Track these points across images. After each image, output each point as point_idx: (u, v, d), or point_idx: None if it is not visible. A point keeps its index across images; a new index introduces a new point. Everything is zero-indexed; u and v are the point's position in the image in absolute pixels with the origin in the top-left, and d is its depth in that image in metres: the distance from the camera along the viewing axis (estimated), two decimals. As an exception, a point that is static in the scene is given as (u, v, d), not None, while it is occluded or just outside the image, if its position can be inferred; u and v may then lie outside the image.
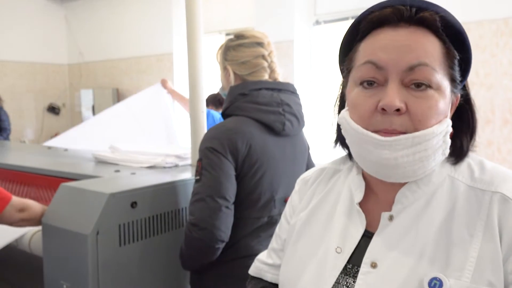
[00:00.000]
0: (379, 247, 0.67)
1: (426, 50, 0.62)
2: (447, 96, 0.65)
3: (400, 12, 0.64)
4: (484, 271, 0.60)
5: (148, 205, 1.33)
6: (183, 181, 1.44)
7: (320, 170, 0.84)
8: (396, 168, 0.63)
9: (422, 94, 0.62)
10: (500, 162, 3.00)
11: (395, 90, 0.62)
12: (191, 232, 1.24)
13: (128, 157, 1.80)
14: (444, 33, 0.64)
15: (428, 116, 0.62)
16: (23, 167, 1.80)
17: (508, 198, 0.63)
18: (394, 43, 0.63)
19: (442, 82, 0.63)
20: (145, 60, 5.30)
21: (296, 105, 1.41)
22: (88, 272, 1.19)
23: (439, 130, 0.63)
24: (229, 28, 4.58)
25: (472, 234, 0.62)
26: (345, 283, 0.68)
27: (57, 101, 6.13)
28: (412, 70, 0.62)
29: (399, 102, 0.61)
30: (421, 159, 0.63)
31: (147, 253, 1.33)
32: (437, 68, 0.63)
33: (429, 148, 0.63)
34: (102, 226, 1.20)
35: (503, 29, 2.92)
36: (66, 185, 1.35)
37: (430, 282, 0.61)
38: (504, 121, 2.96)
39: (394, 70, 0.63)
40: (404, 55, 0.62)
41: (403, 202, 0.68)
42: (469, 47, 0.67)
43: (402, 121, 0.62)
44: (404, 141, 0.61)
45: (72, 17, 6.06)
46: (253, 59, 1.37)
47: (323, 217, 0.77)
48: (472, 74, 2.97)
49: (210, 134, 1.31)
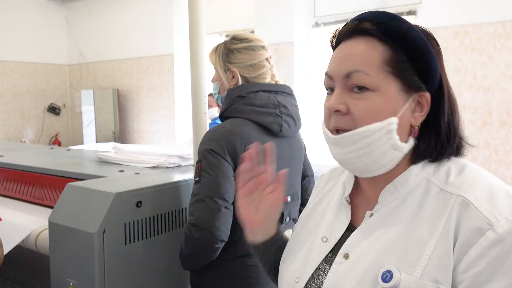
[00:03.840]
0: (355, 241, 0.73)
1: (361, 58, 0.71)
2: (392, 97, 0.70)
3: (347, 26, 0.74)
4: (434, 269, 0.64)
5: (153, 205, 1.36)
6: (186, 181, 1.47)
7: (333, 169, 0.93)
8: (346, 162, 0.73)
9: (360, 96, 0.71)
10: (497, 164, 3.03)
11: (337, 94, 0.72)
12: (191, 233, 1.26)
13: (131, 157, 1.83)
14: (387, 39, 0.70)
15: (364, 115, 0.70)
16: (28, 167, 1.83)
17: (468, 202, 0.65)
18: (338, 55, 0.74)
19: (381, 85, 0.70)
20: (146, 61, 5.32)
21: (292, 106, 1.44)
22: (94, 270, 1.22)
23: (376, 128, 0.69)
24: (229, 30, 4.60)
25: (432, 233, 0.66)
26: (323, 269, 0.76)
27: (58, 102, 6.14)
28: (348, 77, 0.71)
29: (337, 104, 0.71)
30: (367, 154, 0.70)
31: (151, 251, 1.36)
32: (373, 73, 0.70)
33: (372, 144, 0.69)
34: (108, 224, 1.23)
35: (500, 32, 2.96)
36: (72, 185, 1.38)
37: (383, 274, 0.66)
38: (501, 123, 2.99)
39: (337, 78, 0.73)
40: (342, 65, 0.72)
41: (382, 202, 0.73)
42: (420, 48, 0.71)
43: (345, 120, 0.71)
44: (346, 138, 0.71)
45: (73, 17, 6.08)
46: (260, 62, 1.41)
47: (321, 209, 0.85)
48: (469, 76, 3.02)
49: (209, 136, 1.34)
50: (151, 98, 5.32)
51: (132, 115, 5.56)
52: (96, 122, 5.71)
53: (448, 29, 3.12)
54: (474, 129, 3.04)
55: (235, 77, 1.42)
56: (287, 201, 1.42)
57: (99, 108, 5.67)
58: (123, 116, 5.61)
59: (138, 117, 5.50)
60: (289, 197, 1.42)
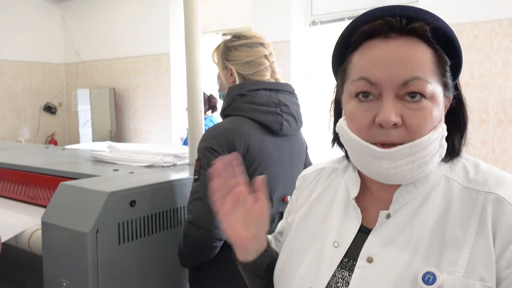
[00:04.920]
0: (375, 243, 0.69)
1: (418, 63, 0.64)
2: (441, 103, 0.67)
3: (390, 24, 0.65)
4: (477, 266, 0.62)
5: (147, 204, 1.34)
6: (181, 180, 1.46)
7: (320, 169, 0.88)
8: (396, 176, 0.66)
9: (417, 105, 0.64)
10: (494, 162, 3.03)
11: (390, 105, 0.64)
12: (189, 231, 1.25)
13: (126, 156, 1.81)
14: (435, 41, 0.66)
15: (423, 126, 0.64)
16: (21, 166, 1.81)
17: (502, 198, 0.65)
18: (386, 57, 0.65)
19: (435, 91, 0.65)
20: (142, 60, 5.31)
21: (294, 105, 1.42)
22: (87, 270, 1.20)
23: (435, 136, 0.65)
24: (225, 29, 4.59)
25: (466, 231, 0.65)
26: (341, 276, 0.71)
27: (54, 101, 6.11)
28: (406, 84, 0.64)
29: (395, 117, 0.63)
30: (420, 166, 0.65)
31: (146, 251, 1.34)
32: (430, 79, 0.64)
33: (427, 155, 0.65)
34: (101, 224, 1.21)
35: (497, 30, 2.96)
36: (65, 184, 1.36)
37: (424, 276, 0.63)
38: (498, 122, 2.99)
39: (388, 86, 0.64)
40: (397, 70, 0.64)
41: (400, 201, 0.70)
42: (460, 51, 0.69)
43: (399, 133, 0.64)
44: (402, 151, 0.64)
45: (69, 16, 6.05)
46: (256, 59, 1.39)
47: (320, 213, 0.80)
48: (466, 75, 3.01)
49: (209, 134, 1.33)
50: (148, 97, 5.31)
51: (128, 114, 5.54)
52: (92, 121, 5.70)
53: (445, 27, 3.12)
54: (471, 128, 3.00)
55: (232, 75, 1.41)
56: (287, 201, 1.41)
57: (96, 107, 5.66)
58: (120, 115, 5.59)
59: (134, 116, 5.49)
60: (289, 196, 1.40)
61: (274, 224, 1.37)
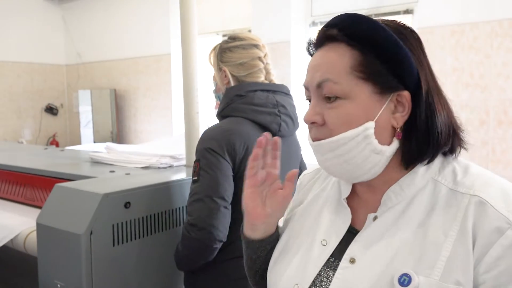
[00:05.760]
0: (360, 244, 0.70)
1: (329, 66, 0.70)
2: (365, 101, 0.68)
3: (318, 34, 0.74)
4: (454, 270, 0.62)
5: (142, 205, 1.34)
6: (177, 182, 1.46)
7: (318, 169, 0.90)
8: (328, 168, 0.73)
9: (332, 105, 0.70)
10: (495, 163, 3.01)
11: (311, 106, 0.73)
12: (189, 233, 1.25)
13: (123, 157, 1.81)
14: (354, 43, 0.69)
15: (338, 124, 0.69)
16: (19, 167, 1.81)
17: (485, 201, 0.64)
18: (310, 64, 0.74)
19: (351, 91, 0.68)
20: (143, 61, 5.31)
21: (290, 106, 1.43)
22: (81, 271, 1.20)
23: (351, 135, 0.68)
24: (225, 29, 4.59)
25: (447, 234, 0.64)
26: (325, 275, 0.72)
27: (55, 102, 6.12)
28: (320, 87, 0.71)
29: (312, 116, 0.71)
30: (348, 161, 0.69)
31: (141, 253, 1.34)
32: (342, 80, 0.69)
33: (351, 151, 0.68)
34: (95, 226, 1.21)
35: (497, 31, 2.94)
36: (60, 185, 1.36)
37: (400, 277, 0.63)
38: (499, 122, 2.98)
39: (311, 89, 0.73)
40: (314, 75, 0.72)
41: (388, 204, 0.71)
42: (390, 46, 0.68)
43: (322, 131, 0.71)
44: (323, 146, 0.71)
45: (70, 18, 6.06)
46: (250, 61, 1.39)
47: (315, 212, 0.82)
48: (466, 75, 3.01)
49: (208, 135, 1.32)
50: (149, 98, 5.31)
51: (129, 115, 5.55)
52: (93, 122, 5.70)
53: (445, 27, 3.11)
54: (471, 129, 3.01)
55: (226, 76, 1.41)
56: None
57: (97, 108, 5.66)
58: (121, 116, 5.60)
59: (135, 117, 5.49)
60: None
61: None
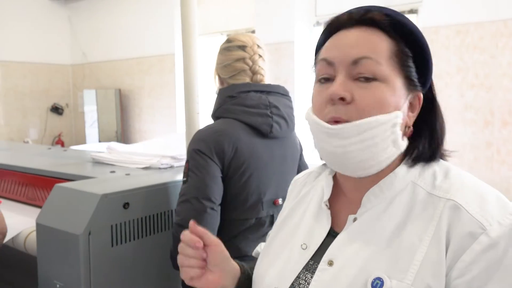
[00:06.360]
0: (338, 247, 0.70)
1: (371, 45, 0.67)
2: (398, 91, 0.67)
3: (351, 15, 0.70)
4: (426, 275, 0.61)
5: (141, 206, 1.34)
6: (176, 182, 1.46)
7: (308, 173, 0.89)
8: (344, 155, 0.66)
9: (368, 85, 0.66)
10: (500, 164, 2.98)
11: (340, 81, 0.66)
12: (177, 233, 1.25)
13: (124, 158, 1.82)
14: (395, 32, 0.68)
15: (371, 106, 0.65)
16: (21, 167, 1.82)
17: (459, 205, 0.63)
18: (343, 42, 0.69)
19: (389, 76, 0.66)
20: (147, 60, 5.32)
21: (285, 107, 1.42)
22: (80, 272, 1.21)
23: (384, 119, 0.65)
24: (229, 29, 4.58)
25: (421, 238, 0.63)
26: (304, 278, 0.72)
27: (61, 101, 6.15)
28: (356, 63, 0.66)
29: (342, 91, 0.65)
30: (370, 148, 0.65)
31: (139, 254, 1.34)
32: (383, 62, 0.66)
33: (376, 136, 0.65)
34: (94, 226, 1.21)
35: (502, 30, 2.91)
36: (60, 186, 1.37)
37: (373, 281, 0.63)
38: (504, 123, 2.95)
39: (340, 64, 0.67)
40: (349, 51, 0.67)
41: (367, 205, 0.70)
42: (424, 46, 0.70)
43: (347, 110, 0.65)
44: (349, 129, 0.65)
45: (76, 18, 6.09)
46: (233, 62, 1.39)
47: (298, 216, 0.81)
48: (471, 75, 2.98)
49: (197, 136, 1.33)
50: (153, 98, 5.32)
51: (133, 115, 5.56)
52: (99, 122, 5.72)
53: (450, 27, 3.08)
54: (476, 129, 3.00)
55: (217, 78, 1.44)
56: (278, 204, 1.40)
57: (102, 108, 5.68)
58: (125, 116, 5.61)
59: (139, 116, 5.50)
60: (280, 199, 1.39)
61: (265, 227, 1.36)
